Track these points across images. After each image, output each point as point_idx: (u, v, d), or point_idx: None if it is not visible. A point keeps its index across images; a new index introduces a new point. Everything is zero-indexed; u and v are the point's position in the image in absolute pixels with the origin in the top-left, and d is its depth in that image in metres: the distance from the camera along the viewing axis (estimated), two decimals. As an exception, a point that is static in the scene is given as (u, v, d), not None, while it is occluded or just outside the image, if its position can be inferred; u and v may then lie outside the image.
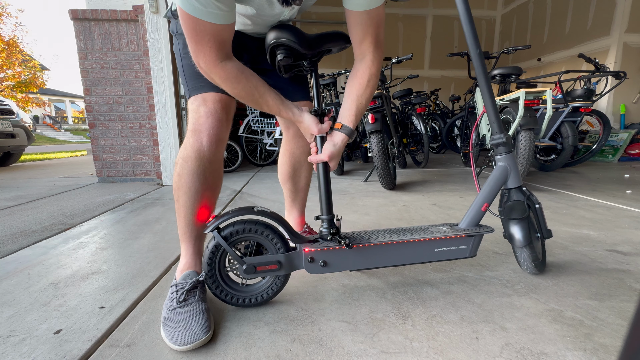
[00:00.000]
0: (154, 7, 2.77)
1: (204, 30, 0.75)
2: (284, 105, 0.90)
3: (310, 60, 0.93)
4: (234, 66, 0.83)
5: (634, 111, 4.88)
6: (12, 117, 5.00)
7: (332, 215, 0.96)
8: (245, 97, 0.87)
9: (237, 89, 0.85)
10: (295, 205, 1.35)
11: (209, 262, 0.89)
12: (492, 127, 1.03)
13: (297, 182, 1.30)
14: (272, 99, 0.89)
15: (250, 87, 0.85)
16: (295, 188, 1.31)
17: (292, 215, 1.36)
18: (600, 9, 4.95)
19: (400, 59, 2.96)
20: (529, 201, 1.04)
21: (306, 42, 0.87)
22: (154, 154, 3.16)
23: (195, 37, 0.76)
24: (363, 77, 0.92)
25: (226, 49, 0.81)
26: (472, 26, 0.94)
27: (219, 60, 0.80)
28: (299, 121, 0.93)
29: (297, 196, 1.33)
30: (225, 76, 0.82)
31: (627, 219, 1.74)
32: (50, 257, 1.35)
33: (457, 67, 7.65)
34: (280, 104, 0.90)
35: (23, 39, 19.32)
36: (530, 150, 2.30)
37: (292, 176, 1.28)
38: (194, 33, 0.76)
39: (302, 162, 1.26)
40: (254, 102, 0.88)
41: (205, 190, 0.94)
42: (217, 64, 0.80)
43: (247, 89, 0.85)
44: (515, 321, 0.86)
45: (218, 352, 0.76)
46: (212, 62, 0.80)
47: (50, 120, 26.50)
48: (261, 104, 0.89)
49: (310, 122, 0.92)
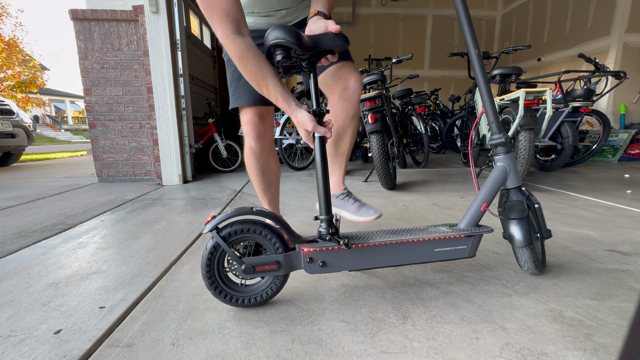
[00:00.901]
0: (154, 7, 2.77)
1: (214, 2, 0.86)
2: (283, 94, 0.93)
3: (308, 61, 0.94)
4: (242, 42, 0.89)
5: (634, 111, 4.88)
6: (12, 117, 5.00)
7: (330, 215, 0.95)
8: (249, 74, 0.92)
9: (243, 66, 0.91)
10: (335, 169, 1.35)
11: (207, 263, 0.89)
12: (491, 127, 1.03)
13: (339, 147, 1.30)
14: (273, 84, 0.92)
15: (255, 66, 0.90)
16: (337, 152, 1.31)
17: (334, 178, 1.36)
18: (600, 9, 4.95)
19: (400, 59, 2.96)
20: (528, 201, 1.04)
21: (304, 42, 0.87)
22: (154, 154, 3.16)
23: (208, 9, 0.87)
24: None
25: (236, 23, 0.89)
26: (470, 27, 0.94)
27: (230, 32, 0.88)
28: (295, 115, 0.94)
29: (337, 160, 1.33)
30: (235, 50, 0.89)
31: (627, 219, 1.74)
32: (50, 257, 1.35)
33: (457, 67, 7.65)
34: (280, 92, 0.93)
35: (23, 39, 19.32)
36: (530, 151, 2.29)
37: (335, 141, 1.28)
38: (206, 6, 0.87)
39: (346, 127, 1.26)
40: (256, 83, 0.93)
41: (263, 172, 1.29)
42: (229, 36, 0.88)
43: (251, 66, 0.90)
44: (515, 321, 0.86)
45: (218, 352, 0.76)
46: (225, 34, 0.88)
47: (50, 120, 26.50)
48: (262, 87, 0.93)
49: (305, 118, 0.92)
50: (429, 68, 7.72)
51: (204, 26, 4.91)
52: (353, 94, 1.22)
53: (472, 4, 7.36)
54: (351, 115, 1.24)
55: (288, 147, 4.00)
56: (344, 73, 1.20)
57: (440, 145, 5.40)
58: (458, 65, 7.63)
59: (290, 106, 0.94)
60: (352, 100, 1.22)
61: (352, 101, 1.22)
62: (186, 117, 3.12)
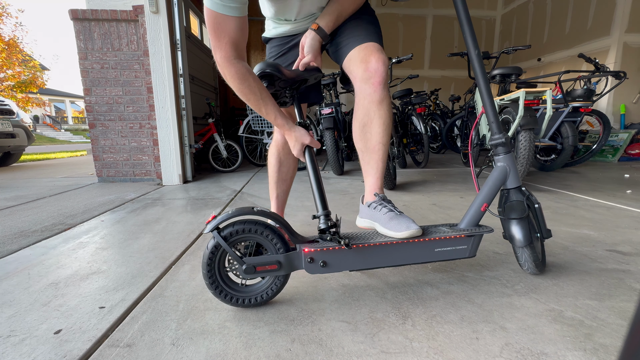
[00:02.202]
0: (154, 7, 2.77)
1: (223, 26, 0.93)
2: (279, 113, 1.06)
3: (290, 88, 1.11)
4: (243, 66, 0.98)
5: (634, 111, 4.88)
6: (12, 117, 5.00)
7: (327, 210, 0.97)
8: (248, 95, 1.01)
9: (242, 87, 0.99)
10: (367, 170, 1.17)
11: (208, 262, 0.89)
12: (492, 127, 1.03)
13: (367, 141, 1.14)
14: (271, 104, 1.04)
15: (253, 88, 1.00)
16: (365, 147, 1.15)
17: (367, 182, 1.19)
18: (600, 9, 4.95)
19: (400, 59, 2.96)
20: (528, 201, 1.04)
21: (285, 74, 1.03)
22: (154, 154, 3.16)
23: (215, 32, 0.93)
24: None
25: (239, 50, 0.97)
26: (470, 27, 0.94)
27: (232, 57, 0.96)
28: (292, 131, 1.07)
29: (366, 157, 1.16)
30: (235, 73, 0.97)
31: (627, 219, 1.74)
32: (50, 257, 1.35)
33: (457, 67, 7.65)
34: (277, 111, 1.06)
35: (23, 39, 19.29)
36: (530, 150, 2.29)
37: (361, 134, 1.14)
38: (215, 27, 0.93)
39: (371, 116, 1.12)
40: (254, 103, 1.03)
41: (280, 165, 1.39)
42: (230, 60, 0.96)
43: (250, 88, 1.00)
44: (515, 321, 0.86)
45: (218, 352, 0.76)
46: (227, 57, 0.96)
47: (50, 120, 26.50)
48: (260, 107, 1.04)
49: (302, 133, 1.07)
50: (429, 68, 7.72)
51: (203, 26, 4.91)
52: (374, 74, 1.09)
53: (472, 4, 7.36)
54: (375, 100, 1.10)
55: None
56: (365, 54, 1.10)
57: (440, 145, 5.40)
58: (458, 65, 7.63)
59: (288, 123, 1.07)
60: (373, 83, 1.09)
61: (373, 83, 1.09)
62: (186, 117, 3.12)
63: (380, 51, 1.12)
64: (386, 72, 1.11)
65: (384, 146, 1.15)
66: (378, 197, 1.13)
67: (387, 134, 1.15)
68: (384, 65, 1.10)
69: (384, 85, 1.11)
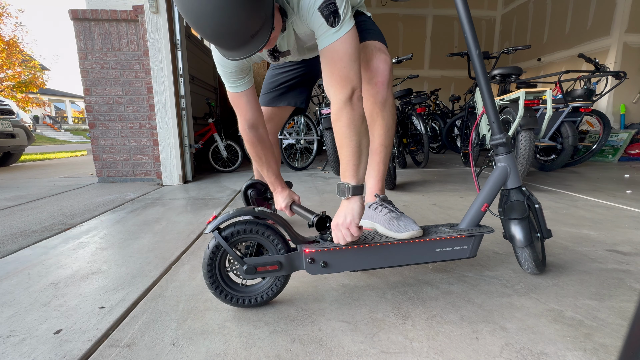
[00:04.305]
0: (154, 7, 2.77)
1: (236, 102, 1.19)
2: (277, 177, 1.34)
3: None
4: (254, 135, 1.25)
5: (634, 111, 4.88)
6: (12, 117, 5.00)
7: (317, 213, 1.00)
8: (254, 157, 1.31)
9: (250, 150, 1.29)
10: (370, 172, 1.18)
11: (209, 262, 0.89)
12: (492, 127, 1.03)
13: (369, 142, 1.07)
14: (272, 170, 1.32)
15: (259, 153, 1.29)
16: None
17: (367, 183, 1.19)
18: (600, 9, 4.95)
19: (400, 59, 2.96)
20: (529, 201, 1.04)
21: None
22: (154, 154, 3.16)
23: (234, 107, 1.22)
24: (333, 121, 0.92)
25: (250, 121, 1.22)
26: (471, 27, 0.94)
27: (246, 127, 1.23)
28: (285, 189, 1.34)
29: (371, 160, 1.16)
30: (247, 140, 1.27)
31: (627, 219, 1.74)
32: (50, 257, 1.35)
33: (457, 67, 7.65)
34: (275, 176, 1.33)
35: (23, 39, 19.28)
36: (530, 151, 2.29)
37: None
38: (233, 104, 1.21)
39: (374, 117, 1.11)
40: (258, 164, 1.32)
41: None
42: (244, 130, 1.24)
43: (257, 153, 1.29)
44: (515, 321, 0.86)
45: (218, 352, 0.76)
46: (242, 128, 1.24)
47: (50, 120, 26.49)
48: (262, 169, 1.32)
49: (292, 192, 1.36)
50: (429, 68, 7.72)
51: (204, 26, 4.90)
52: (376, 74, 1.08)
53: (472, 4, 7.36)
54: (379, 100, 1.09)
55: (288, 147, 4.00)
56: (367, 53, 1.09)
57: (440, 145, 5.40)
58: (458, 65, 7.63)
59: (282, 184, 1.35)
60: (376, 83, 1.09)
61: (376, 83, 1.09)
62: (186, 117, 3.12)
63: (383, 51, 1.11)
64: (390, 72, 1.10)
65: (386, 148, 1.15)
66: (379, 198, 1.13)
67: (390, 136, 1.15)
68: (387, 65, 1.10)
69: (387, 86, 1.11)
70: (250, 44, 0.80)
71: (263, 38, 0.80)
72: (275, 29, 0.85)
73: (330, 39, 0.87)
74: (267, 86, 1.52)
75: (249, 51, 0.82)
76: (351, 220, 0.87)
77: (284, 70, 1.47)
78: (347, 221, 0.87)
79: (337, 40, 0.86)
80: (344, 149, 0.89)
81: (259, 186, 1.62)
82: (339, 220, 0.88)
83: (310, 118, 3.88)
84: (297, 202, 1.32)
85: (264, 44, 0.81)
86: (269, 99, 1.51)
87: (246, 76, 1.13)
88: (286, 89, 1.49)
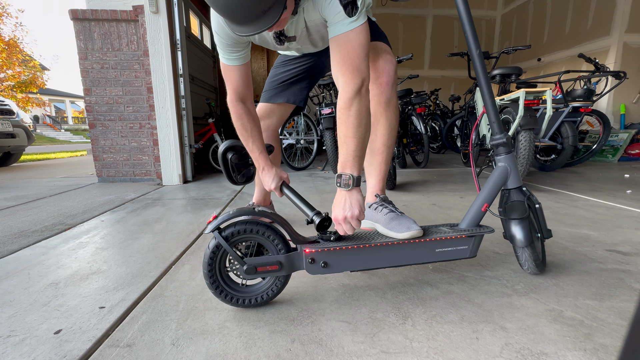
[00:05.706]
0: (154, 7, 2.77)
1: (228, 74, 1.12)
2: (263, 152, 1.22)
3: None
4: (241, 107, 1.17)
5: (634, 111, 4.88)
6: (12, 117, 5.00)
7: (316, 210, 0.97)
8: (240, 129, 1.20)
9: (236, 123, 1.19)
10: (370, 171, 1.20)
11: (209, 262, 0.89)
12: (492, 127, 1.03)
13: (372, 142, 1.16)
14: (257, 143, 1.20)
15: (246, 125, 1.18)
16: (370, 149, 1.16)
17: (368, 183, 1.21)
18: (600, 9, 4.95)
19: (400, 59, 2.96)
20: (529, 201, 1.04)
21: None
22: (154, 154, 3.16)
23: (224, 78, 1.14)
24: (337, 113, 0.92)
25: (240, 95, 1.15)
26: (472, 26, 0.94)
27: (233, 100, 1.16)
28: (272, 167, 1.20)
29: (373, 160, 1.18)
30: (234, 112, 1.17)
31: (627, 219, 1.74)
32: (50, 257, 1.35)
33: (457, 67, 7.65)
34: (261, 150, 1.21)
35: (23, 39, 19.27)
36: (530, 150, 2.29)
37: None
38: (224, 75, 1.13)
39: (378, 116, 1.12)
40: (244, 138, 1.21)
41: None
42: (232, 102, 1.16)
43: (243, 125, 1.18)
44: (515, 321, 0.86)
45: (218, 352, 0.76)
46: (230, 99, 1.16)
47: (50, 120, 26.49)
48: (247, 142, 1.21)
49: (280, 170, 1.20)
50: (429, 68, 7.72)
51: (204, 26, 4.91)
52: (382, 74, 1.10)
53: (472, 4, 7.35)
54: (383, 101, 1.11)
55: (288, 147, 4.00)
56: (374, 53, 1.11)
57: (440, 145, 5.40)
58: (458, 65, 7.63)
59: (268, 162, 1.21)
60: (381, 83, 1.11)
61: (381, 83, 1.11)
62: (186, 117, 3.12)
63: (388, 52, 1.13)
64: (395, 74, 1.11)
65: (389, 148, 1.16)
66: (379, 198, 1.14)
67: (393, 136, 1.16)
68: (393, 66, 1.11)
69: (392, 86, 1.12)
70: (260, 21, 0.79)
71: (274, 15, 0.79)
72: (288, 9, 0.84)
73: (345, 27, 0.87)
74: (269, 84, 1.55)
75: (259, 28, 0.81)
76: (360, 212, 0.88)
77: (286, 68, 1.48)
78: (355, 213, 0.88)
79: (353, 30, 0.87)
80: (349, 139, 0.89)
81: (239, 148, 1.42)
82: (346, 213, 0.88)
83: (310, 118, 3.88)
84: (287, 180, 1.20)
85: (274, 22, 0.80)
86: (269, 96, 1.53)
87: (242, 50, 1.08)
88: (286, 86, 1.51)
